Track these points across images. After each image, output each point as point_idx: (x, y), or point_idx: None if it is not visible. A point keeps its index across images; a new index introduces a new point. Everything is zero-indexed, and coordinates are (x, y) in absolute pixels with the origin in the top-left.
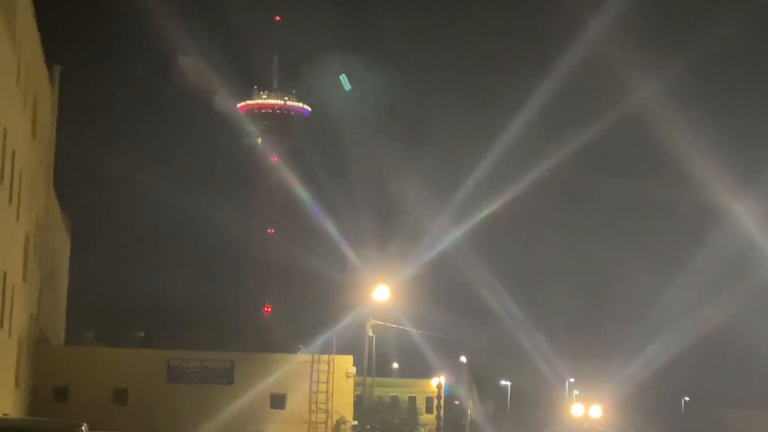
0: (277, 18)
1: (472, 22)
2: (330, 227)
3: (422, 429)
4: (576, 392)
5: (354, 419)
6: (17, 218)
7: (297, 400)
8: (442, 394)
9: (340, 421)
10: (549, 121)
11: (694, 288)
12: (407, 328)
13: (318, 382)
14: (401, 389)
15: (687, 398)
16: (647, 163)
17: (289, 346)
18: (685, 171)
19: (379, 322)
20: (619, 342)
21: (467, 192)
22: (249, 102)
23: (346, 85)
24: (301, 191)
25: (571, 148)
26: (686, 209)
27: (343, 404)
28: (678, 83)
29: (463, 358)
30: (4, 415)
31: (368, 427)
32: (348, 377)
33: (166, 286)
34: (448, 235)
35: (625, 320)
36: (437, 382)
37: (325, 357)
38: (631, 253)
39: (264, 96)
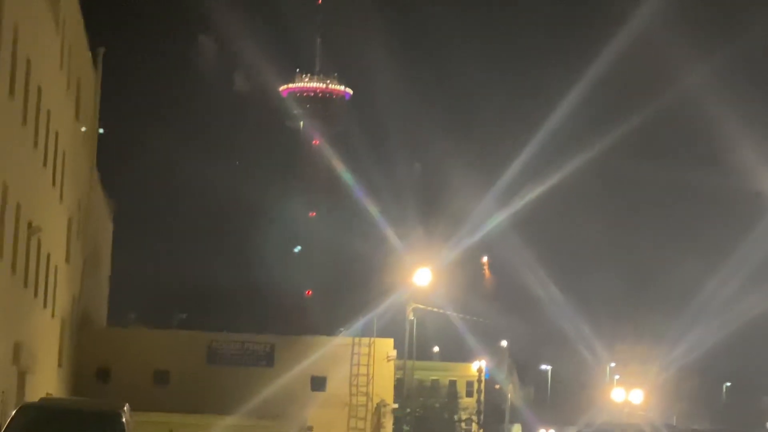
0: (319, 1)
1: (518, 9)
2: (372, 210)
3: (462, 413)
4: (617, 377)
5: (394, 402)
6: (60, 200)
7: (337, 383)
8: (483, 378)
9: (381, 404)
10: (594, 107)
11: (738, 275)
12: (448, 312)
13: (358, 365)
14: (442, 373)
15: (729, 384)
16: (693, 150)
17: (330, 328)
18: (731, 158)
19: (420, 306)
20: (662, 328)
21: (511, 177)
22: (291, 85)
23: None
24: (343, 174)
25: (616, 134)
26: (731, 196)
27: (384, 387)
28: (725, 69)
29: (504, 343)
30: (47, 395)
31: (408, 410)
32: (388, 360)
33: (209, 268)
34: (491, 219)
35: (668, 307)
36: (477, 366)
37: (365, 340)
38: (675, 240)
39: (306, 79)
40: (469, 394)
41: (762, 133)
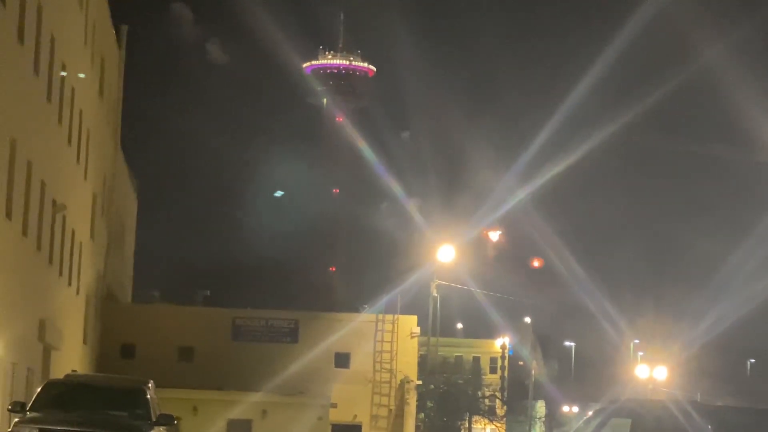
0: None
1: None
2: (395, 187)
3: (486, 389)
4: (641, 354)
5: (418, 379)
6: (85, 177)
7: (361, 360)
8: (506, 355)
9: (404, 381)
10: (616, 82)
11: (761, 251)
12: (471, 289)
13: (382, 341)
14: (465, 349)
15: (753, 360)
16: (715, 126)
17: (354, 305)
18: (754, 134)
19: (444, 282)
20: (685, 304)
21: (533, 153)
22: (314, 62)
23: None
24: (366, 151)
25: (638, 109)
26: (754, 172)
27: (407, 364)
28: (747, 45)
29: (527, 319)
30: (72, 371)
31: (432, 387)
32: (412, 337)
33: (232, 245)
34: (513, 195)
35: (690, 283)
36: (501, 342)
37: (389, 317)
38: (697, 215)
39: (329, 56)
40: (493, 370)
41: None
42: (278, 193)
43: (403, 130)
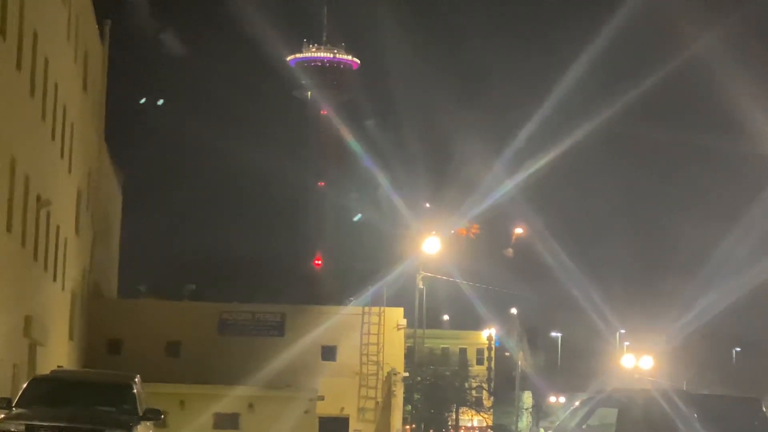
0: None
1: None
2: (381, 179)
3: (473, 381)
4: (627, 343)
5: (405, 371)
6: (69, 172)
7: (348, 352)
8: (493, 346)
9: (391, 373)
10: (605, 71)
11: (748, 241)
12: (457, 280)
13: (369, 334)
14: (452, 341)
15: (738, 349)
16: (704, 113)
17: (340, 298)
18: (742, 123)
19: (430, 274)
20: (672, 294)
21: (521, 143)
22: (299, 55)
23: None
24: (352, 143)
25: (626, 99)
26: (742, 161)
27: (394, 356)
28: (735, 33)
29: (514, 310)
30: (59, 367)
31: (419, 379)
32: (398, 329)
33: (218, 239)
34: (500, 187)
35: (678, 273)
36: (488, 334)
37: (375, 309)
38: (685, 205)
39: (314, 49)
40: (480, 361)
41: None
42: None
43: (368, 119)
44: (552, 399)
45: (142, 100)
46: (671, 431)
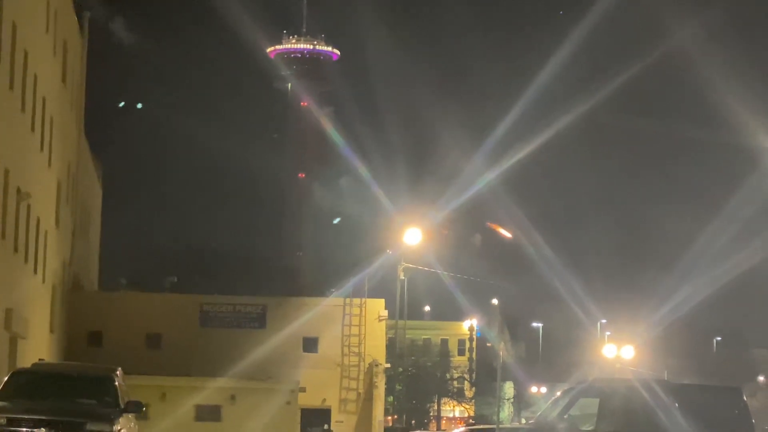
0: None
1: None
2: (362, 170)
3: (454, 371)
4: (608, 333)
5: (386, 362)
6: (49, 165)
7: (329, 344)
8: (474, 337)
9: (373, 364)
10: (584, 64)
11: (729, 231)
12: (439, 271)
13: (350, 325)
14: (433, 332)
15: (719, 338)
16: (684, 106)
17: (321, 289)
18: (722, 113)
19: (411, 265)
20: (652, 284)
21: (502, 135)
22: (278, 47)
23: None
24: (332, 134)
25: (607, 90)
26: (722, 152)
27: (376, 347)
28: (715, 25)
29: (495, 301)
30: (39, 360)
31: (400, 370)
32: (380, 320)
33: (199, 230)
34: (481, 177)
35: (658, 263)
36: (469, 324)
37: (357, 300)
38: (666, 196)
39: (293, 41)
40: (461, 352)
41: (754, 88)
42: None
43: (327, 105)
44: (533, 389)
45: (121, 104)
46: (652, 421)
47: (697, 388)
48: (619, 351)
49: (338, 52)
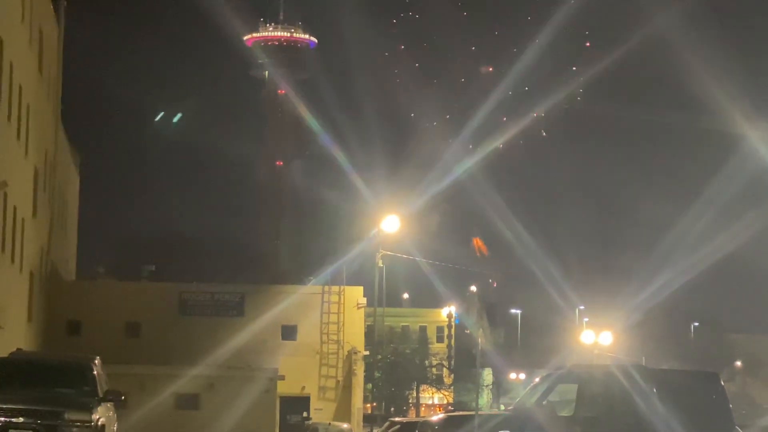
0: None
1: None
2: (340, 157)
3: (433, 358)
4: (586, 319)
5: (365, 350)
6: (26, 154)
7: (308, 331)
8: (453, 324)
9: (352, 352)
10: (564, 50)
11: (708, 216)
12: (417, 259)
13: (329, 313)
14: (412, 319)
15: (696, 323)
16: (662, 91)
17: (299, 277)
18: (701, 99)
19: (389, 253)
20: (630, 270)
21: (480, 121)
22: (255, 35)
23: None
24: (310, 122)
25: (585, 76)
26: (701, 138)
27: (354, 335)
28: (695, 11)
29: (473, 288)
30: (18, 349)
31: (379, 357)
32: (358, 308)
33: (177, 219)
34: (460, 164)
35: (636, 249)
36: (447, 311)
37: (335, 288)
38: (645, 181)
39: (270, 28)
40: (440, 339)
41: (732, 73)
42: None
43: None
44: (512, 376)
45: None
46: (630, 406)
47: (675, 373)
48: (598, 337)
49: (315, 40)
